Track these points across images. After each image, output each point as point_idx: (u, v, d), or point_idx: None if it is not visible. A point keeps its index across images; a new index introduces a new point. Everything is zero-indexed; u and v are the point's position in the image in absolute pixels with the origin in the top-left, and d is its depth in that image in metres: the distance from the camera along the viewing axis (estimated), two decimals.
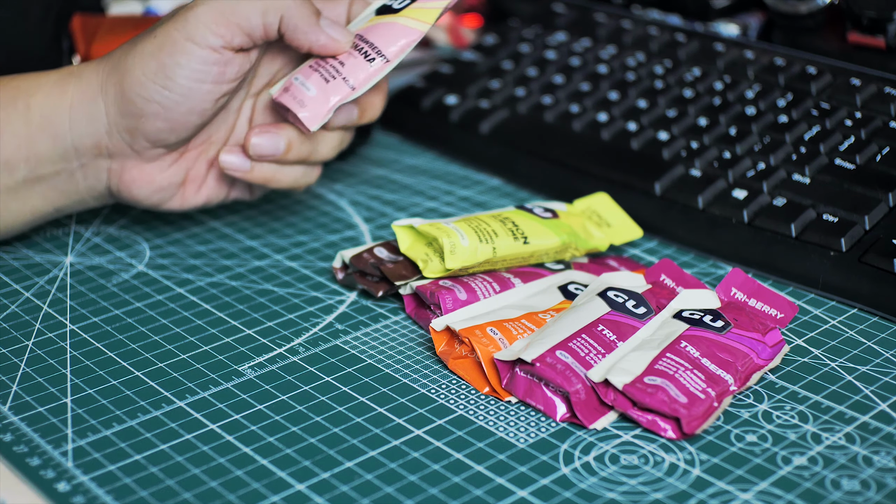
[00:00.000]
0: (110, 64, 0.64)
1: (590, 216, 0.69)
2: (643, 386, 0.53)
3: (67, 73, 0.65)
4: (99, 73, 0.64)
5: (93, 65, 0.65)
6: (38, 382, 0.58)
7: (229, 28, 0.62)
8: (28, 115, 0.64)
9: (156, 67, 0.62)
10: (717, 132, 0.74)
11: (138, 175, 0.66)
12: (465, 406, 0.56)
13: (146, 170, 0.66)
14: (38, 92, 0.64)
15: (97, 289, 0.67)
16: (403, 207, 0.76)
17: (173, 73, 0.62)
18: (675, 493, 0.50)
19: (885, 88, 0.73)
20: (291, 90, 0.66)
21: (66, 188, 0.66)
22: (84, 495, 0.50)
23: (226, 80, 0.63)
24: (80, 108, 0.64)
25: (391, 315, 0.64)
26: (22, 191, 0.65)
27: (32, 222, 0.67)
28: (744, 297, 0.61)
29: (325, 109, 0.65)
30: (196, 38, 0.62)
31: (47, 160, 0.64)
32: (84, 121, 0.64)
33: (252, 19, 0.62)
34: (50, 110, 0.64)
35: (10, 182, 0.64)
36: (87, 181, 0.66)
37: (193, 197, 0.68)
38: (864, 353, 0.59)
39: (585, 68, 0.83)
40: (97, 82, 0.64)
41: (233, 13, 0.62)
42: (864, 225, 0.65)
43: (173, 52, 0.62)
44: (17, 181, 0.65)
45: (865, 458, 0.52)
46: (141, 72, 0.62)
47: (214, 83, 0.63)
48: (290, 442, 0.53)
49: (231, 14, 0.62)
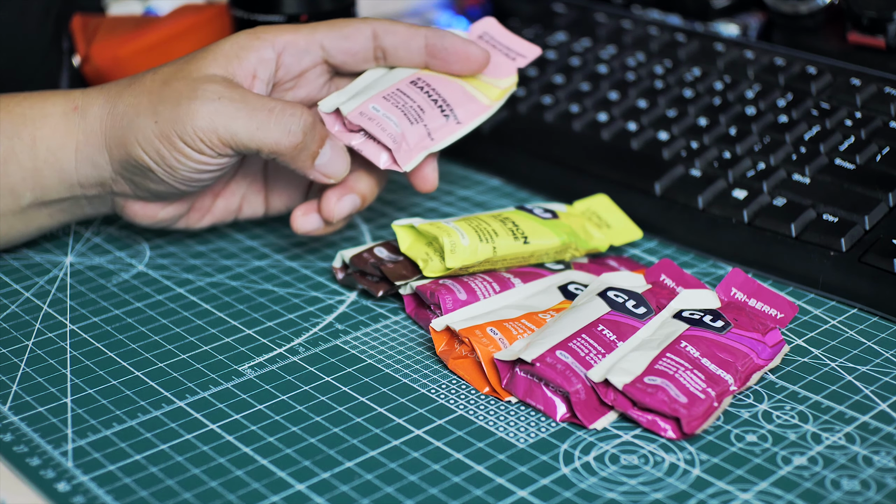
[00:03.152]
0: (113, 119, 0.62)
1: (589, 217, 0.69)
2: (643, 386, 0.53)
3: (72, 108, 0.63)
4: (102, 122, 0.63)
5: (97, 106, 0.63)
6: (38, 382, 0.58)
7: (220, 147, 0.61)
8: (34, 150, 0.63)
9: (156, 155, 0.61)
10: (717, 132, 0.74)
11: (141, 210, 0.66)
12: (465, 406, 0.56)
13: (149, 207, 0.66)
14: (44, 125, 0.63)
15: (97, 289, 0.67)
16: (403, 207, 0.76)
17: (173, 164, 0.61)
18: (675, 493, 0.50)
19: (885, 88, 0.73)
20: (374, 119, 0.64)
21: (72, 211, 0.66)
22: (84, 495, 0.50)
23: (223, 169, 0.63)
24: (86, 153, 0.63)
25: (391, 315, 0.64)
26: (28, 213, 0.65)
27: (37, 235, 0.68)
28: (744, 297, 0.61)
29: (416, 152, 0.64)
30: (190, 145, 0.61)
31: (54, 191, 0.64)
32: (89, 165, 0.63)
33: (247, 147, 0.61)
34: (57, 147, 0.63)
35: (16, 207, 0.64)
36: (92, 206, 0.67)
37: (199, 222, 0.69)
38: (864, 353, 0.59)
39: (585, 68, 0.83)
40: (101, 131, 0.63)
41: (228, 139, 0.61)
42: (864, 225, 0.65)
43: (171, 148, 0.61)
44: (22, 206, 0.65)
45: (865, 458, 0.52)
46: (143, 151, 0.61)
47: (214, 172, 0.63)
48: (290, 442, 0.53)
49: (226, 139, 0.61)
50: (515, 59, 0.69)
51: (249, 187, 0.69)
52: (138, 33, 0.80)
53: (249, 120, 0.60)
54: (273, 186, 0.69)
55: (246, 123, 0.60)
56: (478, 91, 0.67)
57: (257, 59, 0.63)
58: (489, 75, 0.68)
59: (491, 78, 0.68)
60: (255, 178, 0.69)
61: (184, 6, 0.83)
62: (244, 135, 0.60)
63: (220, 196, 0.68)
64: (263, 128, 0.61)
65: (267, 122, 0.61)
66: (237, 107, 0.60)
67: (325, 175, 0.63)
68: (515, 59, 0.69)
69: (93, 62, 0.80)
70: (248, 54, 0.63)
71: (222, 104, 0.60)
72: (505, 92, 0.68)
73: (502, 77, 0.68)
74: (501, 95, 0.67)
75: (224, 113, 0.60)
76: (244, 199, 0.69)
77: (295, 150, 0.62)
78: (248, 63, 0.63)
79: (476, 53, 0.66)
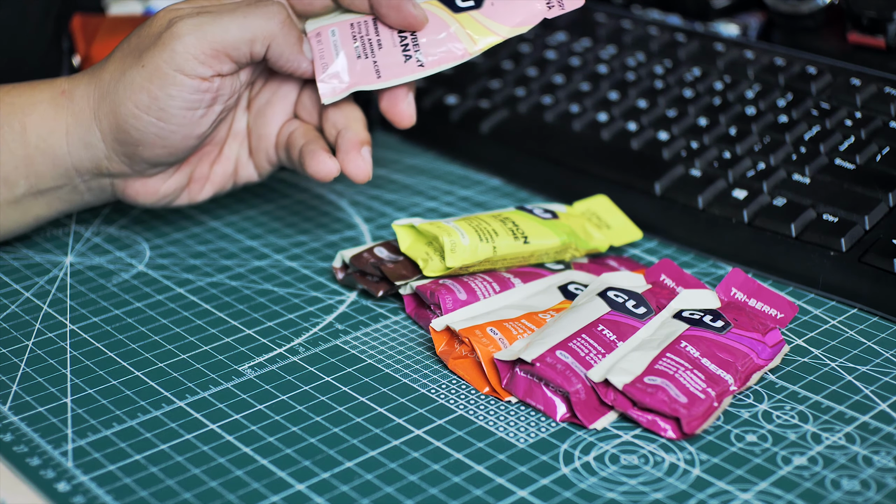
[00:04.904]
0: (100, 90, 0.63)
1: (589, 218, 0.69)
2: (643, 386, 0.53)
3: (59, 93, 0.64)
4: (90, 98, 0.63)
5: (83, 85, 0.63)
6: (38, 382, 0.58)
7: (217, 57, 0.61)
8: (25, 137, 0.63)
9: (147, 100, 0.61)
10: (717, 132, 0.74)
11: (142, 188, 0.66)
12: (465, 406, 0.56)
13: (149, 183, 0.66)
14: (33, 112, 0.63)
15: (97, 289, 0.67)
16: (403, 207, 0.76)
17: (166, 104, 0.61)
18: (675, 493, 0.50)
19: (885, 88, 0.73)
20: (324, 42, 0.64)
21: (69, 198, 0.66)
22: (84, 495, 0.50)
23: (219, 102, 0.63)
24: (76, 134, 0.63)
25: (391, 315, 0.64)
26: (24, 202, 0.65)
27: (35, 226, 0.67)
28: (744, 297, 0.61)
29: (343, 88, 0.64)
30: (185, 70, 0.61)
31: (48, 178, 0.64)
32: (81, 146, 0.63)
33: (240, 48, 0.62)
34: (47, 133, 0.63)
35: (11, 196, 0.64)
36: (91, 192, 0.66)
37: (200, 193, 0.69)
38: (864, 353, 0.59)
39: (585, 68, 0.83)
40: (89, 108, 0.63)
41: (220, 42, 0.61)
42: (864, 225, 0.65)
43: (163, 84, 0.61)
44: (17, 196, 0.64)
45: (865, 458, 0.52)
46: (133, 104, 0.61)
47: (209, 107, 0.63)
48: (290, 442, 0.53)
49: (218, 43, 0.61)
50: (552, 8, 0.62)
51: (240, 148, 0.69)
52: None
53: (233, 18, 0.61)
54: (256, 145, 0.69)
55: (231, 22, 0.61)
56: (465, 34, 0.63)
57: None
58: (495, 19, 0.63)
59: (495, 23, 0.63)
60: (243, 139, 0.69)
61: None
62: (235, 33, 0.61)
63: (217, 163, 0.68)
64: (249, 21, 0.61)
65: (251, 15, 0.62)
66: (217, 13, 0.61)
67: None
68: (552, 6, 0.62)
69: (93, 62, 0.80)
70: None
71: (202, 17, 0.61)
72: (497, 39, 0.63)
73: (511, 25, 0.63)
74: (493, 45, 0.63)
75: (207, 21, 0.61)
76: (238, 163, 0.69)
77: (284, 29, 0.62)
78: None
79: (409, 10, 0.63)
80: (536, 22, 0.63)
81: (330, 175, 0.65)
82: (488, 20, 0.64)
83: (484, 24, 0.64)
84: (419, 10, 0.64)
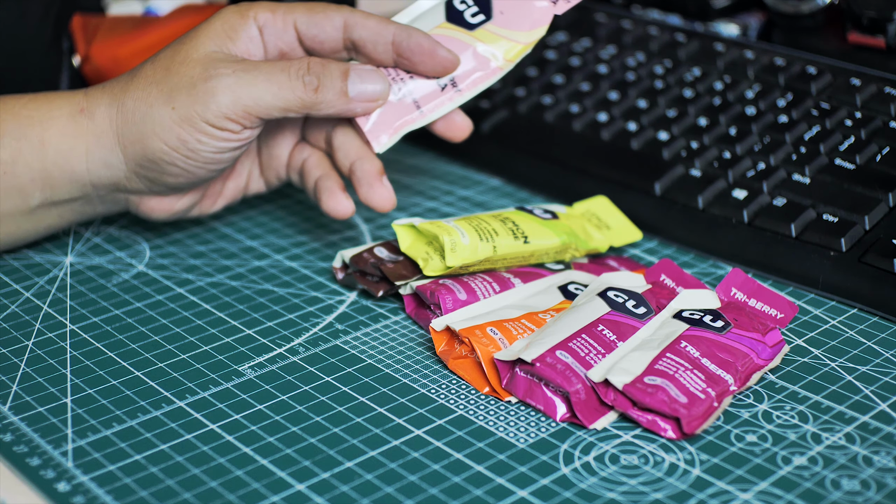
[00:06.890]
0: (124, 115, 0.63)
1: (589, 218, 0.69)
2: (643, 386, 0.53)
3: (79, 112, 0.63)
4: (112, 121, 0.63)
5: (103, 106, 0.63)
6: (38, 382, 0.58)
7: (248, 118, 0.62)
8: (43, 151, 0.63)
9: (177, 142, 0.62)
10: (717, 132, 0.74)
11: (157, 205, 0.67)
12: (465, 406, 0.56)
13: (165, 200, 0.67)
14: (51, 126, 0.63)
15: (97, 289, 0.67)
16: (403, 207, 0.76)
17: (195, 147, 0.62)
18: (675, 493, 0.50)
19: (885, 88, 0.73)
20: None
21: (82, 209, 0.67)
22: (84, 495, 0.50)
23: (246, 143, 0.64)
24: (97, 154, 0.63)
25: (391, 315, 0.64)
26: (38, 213, 0.65)
27: (46, 234, 0.68)
28: (744, 297, 0.61)
29: (390, 134, 0.64)
30: (216, 124, 0.61)
31: (64, 191, 0.64)
32: (102, 165, 0.64)
33: (272, 113, 0.62)
34: (66, 149, 0.63)
35: (25, 207, 0.64)
36: (104, 205, 0.67)
37: (212, 207, 0.70)
38: (864, 353, 0.59)
39: (585, 68, 0.83)
40: (112, 131, 0.63)
41: (254, 108, 0.61)
42: (864, 225, 0.65)
43: (193, 132, 0.61)
44: (31, 206, 0.65)
45: (865, 458, 0.52)
46: (162, 142, 0.62)
47: (236, 150, 0.63)
48: (290, 442, 0.53)
49: (251, 108, 0.61)
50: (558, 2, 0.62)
51: (252, 165, 0.70)
52: (138, 33, 0.80)
53: (269, 84, 0.61)
54: (267, 163, 0.70)
55: (267, 88, 0.61)
56: (491, 50, 0.63)
57: (247, 37, 0.63)
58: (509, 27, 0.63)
59: (511, 31, 0.64)
60: (255, 156, 0.70)
61: (184, 6, 0.83)
62: (269, 99, 0.61)
63: (230, 178, 0.69)
64: (285, 87, 0.61)
65: (285, 80, 0.61)
66: (253, 75, 0.61)
67: (367, 100, 0.64)
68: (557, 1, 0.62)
69: (93, 62, 0.80)
70: (239, 34, 0.63)
71: (238, 77, 0.61)
72: (526, 48, 0.64)
73: (526, 29, 0.64)
74: (521, 53, 0.63)
75: (243, 84, 0.61)
76: (250, 176, 0.70)
77: (319, 95, 0.62)
78: (241, 42, 0.63)
79: (443, 55, 0.64)
80: (548, 21, 0.64)
81: (346, 214, 0.66)
82: (503, 30, 0.64)
83: (501, 34, 0.64)
84: (451, 53, 0.64)
